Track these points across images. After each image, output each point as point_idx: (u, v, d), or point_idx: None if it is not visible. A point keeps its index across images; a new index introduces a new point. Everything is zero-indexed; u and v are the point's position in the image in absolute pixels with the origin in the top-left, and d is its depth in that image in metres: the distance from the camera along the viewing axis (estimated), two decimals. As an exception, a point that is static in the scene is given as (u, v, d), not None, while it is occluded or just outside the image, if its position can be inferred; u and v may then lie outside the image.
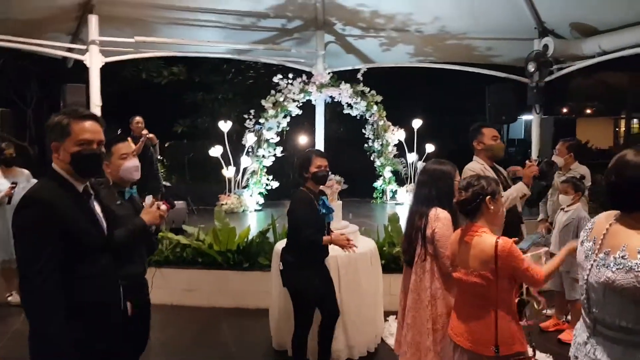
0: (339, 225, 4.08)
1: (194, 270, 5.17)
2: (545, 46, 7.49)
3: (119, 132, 6.82)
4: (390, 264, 4.78)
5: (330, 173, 4.16)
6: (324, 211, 3.40)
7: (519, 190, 3.42)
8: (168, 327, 4.66)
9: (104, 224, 2.12)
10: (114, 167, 2.72)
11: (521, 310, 2.53)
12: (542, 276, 2.29)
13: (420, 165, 9.49)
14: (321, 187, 4.09)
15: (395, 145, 9.87)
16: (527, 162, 3.59)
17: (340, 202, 4.18)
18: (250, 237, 5.25)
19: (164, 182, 11.76)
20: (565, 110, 23.96)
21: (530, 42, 7.90)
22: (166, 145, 14.16)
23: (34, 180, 5.37)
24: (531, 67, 7.61)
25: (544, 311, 4.67)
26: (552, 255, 2.51)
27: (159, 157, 7.93)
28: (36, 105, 11.68)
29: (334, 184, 4.00)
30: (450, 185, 2.74)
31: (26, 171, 5.47)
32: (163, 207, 2.65)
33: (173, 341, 4.38)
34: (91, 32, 8.03)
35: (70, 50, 8.57)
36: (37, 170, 10.51)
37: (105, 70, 9.57)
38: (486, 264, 2.26)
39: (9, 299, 5.24)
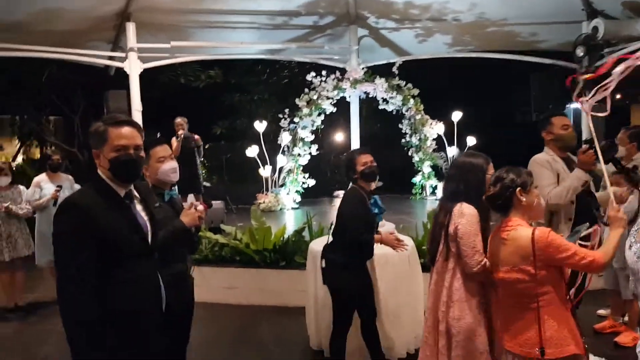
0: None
1: (233, 268, 5.20)
2: (595, 28, 6.99)
3: (158, 135, 6.90)
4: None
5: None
6: (375, 210, 3.32)
7: (578, 178, 3.17)
8: (209, 324, 4.69)
9: (148, 228, 2.13)
10: (152, 170, 2.75)
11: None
12: (599, 256, 2.09)
13: (461, 159, 9.19)
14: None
15: (434, 139, 9.62)
16: (581, 148, 3.34)
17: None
18: (286, 236, 5.21)
19: (205, 183, 12.01)
20: (618, 96, 22.72)
21: (578, 25, 7.46)
22: (206, 147, 14.43)
23: (77, 186, 5.57)
24: (580, 52, 7.14)
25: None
26: None
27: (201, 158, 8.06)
28: (83, 113, 12.12)
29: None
30: (480, 179, 2.54)
31: (70, 177, 5.66)
32: (200, 207, 2.67)
33: (214, 339, 4.41)
34: (129, 39, 8.25)
35: (111, 58, 8.84)
36: (87, 176, 10.98)
37: (145, 76, 9.82)
38: (526, 258, 2.12)
39: None
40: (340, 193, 9.05)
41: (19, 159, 13.13)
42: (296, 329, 4.37)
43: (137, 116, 8.45)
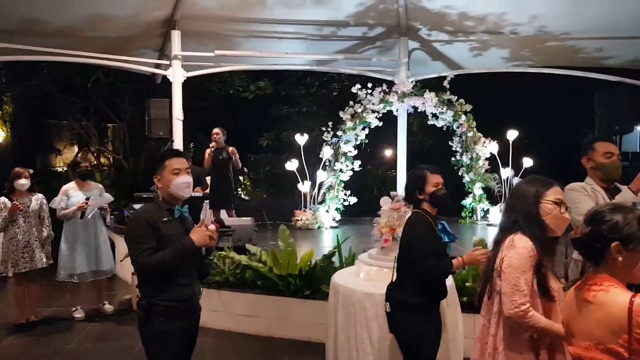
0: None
1: (254, 294, 4.81)
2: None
3: (191, 145, 6.73)
4: (473, 302, 4.03)
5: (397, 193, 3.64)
6: (445, 238, 2.86)
7: (625, 198, 2.66)
8: (223, 356, 4.36)
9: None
10: (164, 181, 2.52)
11: None
12: None
13: (515, 181, 8.48)
14: (389, 207, 3.58)
15: (487, 159, 8.95)
16: None
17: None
18: (314, 261, 4.77)
19: (245, 197, 11.85)
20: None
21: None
22: (252, 158, 14.37)
23: (107, 195, 5.41)
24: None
25: None
26: None
27: (244, 169, 7.80)
28: (130, 120, 12.28)
29: (401, 207, 3.42)
30: (531, 205, 2.07)
31: (100, 185, 5.51)
32: (212, 227, 2.50)
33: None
34: (174, 47, 8.20)
35: (157, 66, 8.84)
36: (131, 183, 11.14)
37: (194, 85, 9.83)
38: (617, 334, 1.53)
39: (74, 314, 5.28)
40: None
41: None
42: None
43: (178, 125, 8.35)
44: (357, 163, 8.85)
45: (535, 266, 2.00)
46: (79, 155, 13.20)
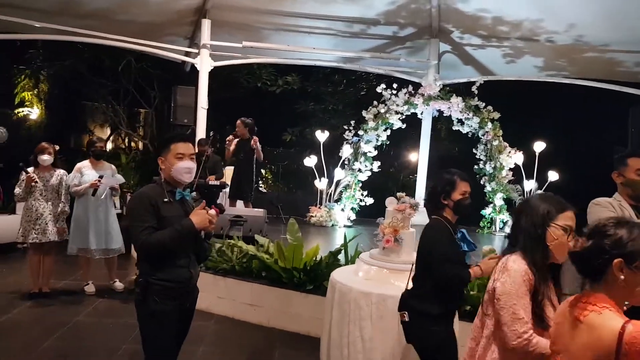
0: (409, 258, 3.39)
1: (258, 284, 4.80)
2: None
3: (210, 134, 6.76)
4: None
5: (403, 195, 3.55)
6: (465, 248, 2.76)
7: None
8: (222, 342, 4.37)
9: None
10: (167, 164, 2.57)
11: None
12: None
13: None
14: (394, 207, 3.50)
15: (511, 169, 8.69)
16: None
17: (413, 230, 3.47)
18: (320, 256, 4.72)
19: (263, 190, 11.87)
20: None
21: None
22: (275, 152, 14.41)
23: (119, 176, 5.49)
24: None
25: None
26: None
27: (266, 162, 7.79)
28: (157, 106, 12.47)
29: (406, 208, 3.34)
30: (538, 227, 1.92)
31: (112, 166, 5.59)
32: (212, 211, 2.54)
33: (220, 358, 4.04)
34: (203, 36, 8.26)
35: (187, 54, 8.92)
36: (152, 167, 11.27)
37: (222, 76, 9.87)
38: None
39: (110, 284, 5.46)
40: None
41: (109, 146, 13.69)
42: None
43: (202, 113, 8.42)
44: (377, 164, 8.72)
45: (531, 291, 1.88)
46: (110, 137, 13.52)
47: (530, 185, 8.72)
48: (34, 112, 11.90)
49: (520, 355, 1.84)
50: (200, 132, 8.23)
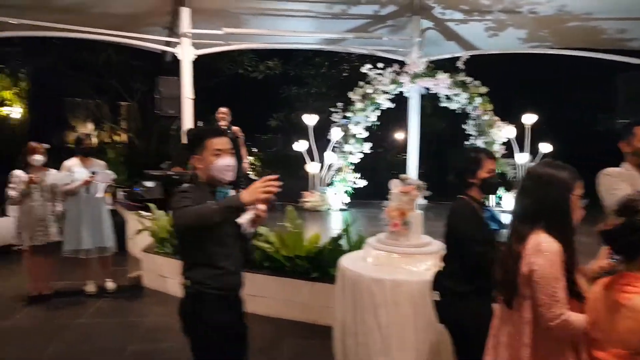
0: (419, 242, 3.38)
1: (261, 275, 4.75)
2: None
3: (199, 123, 6.65)
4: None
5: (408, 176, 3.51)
6: (494, 226, 2.68)
7: None
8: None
9: None
10: (205, 163, 2.35)
11: None
12: None
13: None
14: (399, 190, 3.46)
15: (503, 143, 8.69)
16: None
17: (421, 212, 3.45)
18: (321, 243, 4.69)
19: (254, 177, 11.76)
20: None
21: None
22: (262, 139, 14.28)
23: (110, 172, 5.36)
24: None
25: None
26: None
27: (254, 150, 7.70)
28: (141, 99, 12.23)
29: (412, 190, 3.31)
30: (564, 199, 1.88)
31: (102, 162, 5.47)
32: (262, 206, 2.27)
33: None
34: (183, 24, 8.06)
35: (167, 44, 8.70)
36: (142, 160, 11.14)
37: (204, 64, 9.67)
38: None
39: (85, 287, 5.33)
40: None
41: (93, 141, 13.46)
42: (322, 351, 3.87)
43: (188, 104, 8.26)
44: (368, 145, 8.68)
45: (564, 268, 1.84)
46: (94, 132, 13.26)
47: (522, 158, 8.75)
48: (15, 111, 11.61)
49: (556, 336, 1.83)
50: (187, 123, 8.10)
